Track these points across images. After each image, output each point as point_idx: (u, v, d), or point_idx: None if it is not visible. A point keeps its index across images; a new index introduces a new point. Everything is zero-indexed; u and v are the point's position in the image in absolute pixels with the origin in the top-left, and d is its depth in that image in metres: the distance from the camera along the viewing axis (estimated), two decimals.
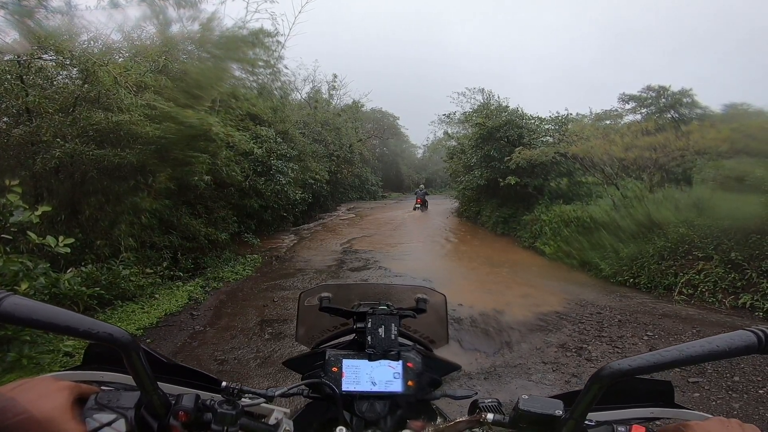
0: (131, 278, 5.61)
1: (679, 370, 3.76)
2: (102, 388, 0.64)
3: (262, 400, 0.73)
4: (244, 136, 8.16)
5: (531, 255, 9.44)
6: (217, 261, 8.02)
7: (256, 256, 8.87)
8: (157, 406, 0.62)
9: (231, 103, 8.66)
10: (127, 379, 0.68)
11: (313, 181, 13.74)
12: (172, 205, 6.93)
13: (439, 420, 0.82)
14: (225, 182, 8.61)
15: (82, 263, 5.32)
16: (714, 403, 3.29)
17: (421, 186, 21.63)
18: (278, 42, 15.23)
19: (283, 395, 0.78)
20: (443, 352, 1.20)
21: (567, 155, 9.55)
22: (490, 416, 0.68)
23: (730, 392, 3.40)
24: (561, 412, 0.63)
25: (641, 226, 7.25)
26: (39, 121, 5.82)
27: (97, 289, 4.73)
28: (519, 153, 10.53)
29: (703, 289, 5.89)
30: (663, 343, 4.38)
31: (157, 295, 5.79)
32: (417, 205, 19.33)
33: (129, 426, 0.60)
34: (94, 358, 0.75)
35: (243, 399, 0.71)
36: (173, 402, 0.65)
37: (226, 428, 0.66)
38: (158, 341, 4.63)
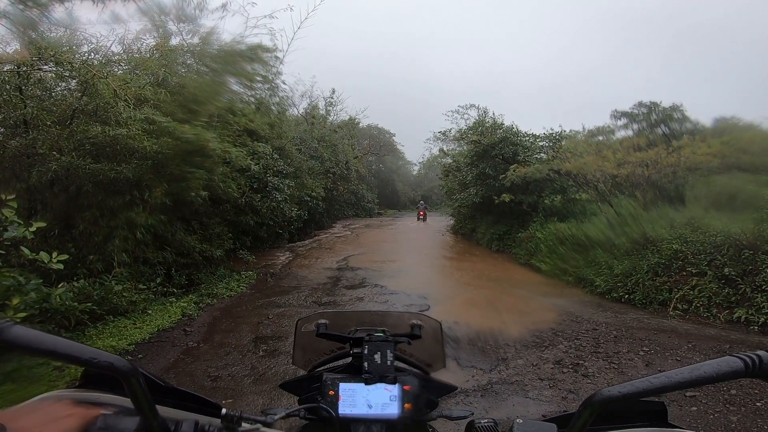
0: (124, 294, 5.54)
1: None
2: (102, 412, 0.65)
3: (259, 426, 0.73)
4: (241, 152, 8.18)
5: (527, 272, 9.44)
6: (212, 277, 7.96)
7: (251, 272, 8.81)
8: None
9: (228, 119, 8.70)
10: (126, 402, 0.69)
11: (308, 198, 13.75)
12: (167, 220, 6.89)
13: None
14: (221, 198, 8.60)
15: (74, 278, 5.25)
16: (712, 416, 3.27)
17: (422, 202, 27.93)
18: (277, 57, 15.45)
19: (281, 419, 0.78)
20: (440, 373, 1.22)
21: (561, 172, 9.65)
22: None
23: (727, 405, 3.38)
24: None
25: (635, 244, 7.30)
26: (36, 133, 5.81)
27: (89, 304, 4.67)
28: (514, 170, 10.64)
29: (698, 304, 5.91)
30: (659, 359, 4.36)
31: (149, 311, 5.71)
32: (420, 217, 24.80)
33: None
34: (92, 379, 0.76)
35: (245, 424, 0.72)
36: (172, 428, 0.66)
37: None
38: (151, 357, 4.56)
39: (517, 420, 0.66)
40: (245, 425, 0.72)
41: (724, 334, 5.13)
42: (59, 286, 4.51)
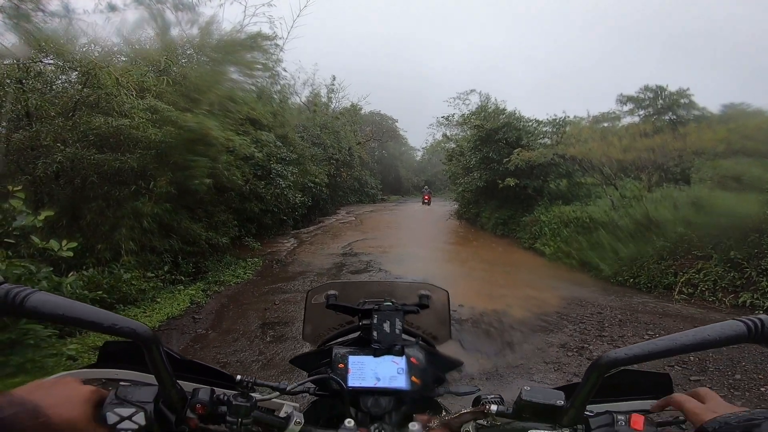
0: (132, 282, 5.61)
1: (680, 368, 3.78)
2: (121, 383, 0.67)
3: (276, 394, 0.76)
4: (245, 140, 8.15)
5: (531, 256, 9.47)
6: (218, 265, 8.02)
7: (256, 259, 8.87)
8: (174, 399, 0.66)
9: (229, 107, 8.67)
10: (142, 377, 0.72)
11: (312, 185, 13.73)
12: (172, 209, 6.92)
13: (444, 413, 0.82)
14: (225, 186, 8.61)
15: (84, 267, 5.32)
16: None
17: (426, 187, 29.70)
18: (277, 45, 15.29)
19: (292, 390, 0.80)
20: (446, 349, 1.22)
21: (566, 157, 9.58)
22: (493, 408, 0.69)
23: (732, 390, 3.42)
24: (562, 402, 0.64)
25: (640, 226, 7.28)
26: (39, 125, 5.84)
27: (100, 292, 4.73)
28: (518, 154, 10.57)
29: (703, 288, 5.92)
30: None
31: (158, 299, 5.79)
32: (424, 201, 25.92)
33: (148, 419, 0.63)
34: (108, 357, 0.78)
35: (256, 394, 0.74)
36: (190, 396, 0.68)
37: (240, 420, 0.69)
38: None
39: (525, 387, 0.67)
40: (258, 395, 0.74)
41: (730, 318, 5.14)
42: (69, 275, 4.57)
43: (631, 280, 6.80)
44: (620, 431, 0.65)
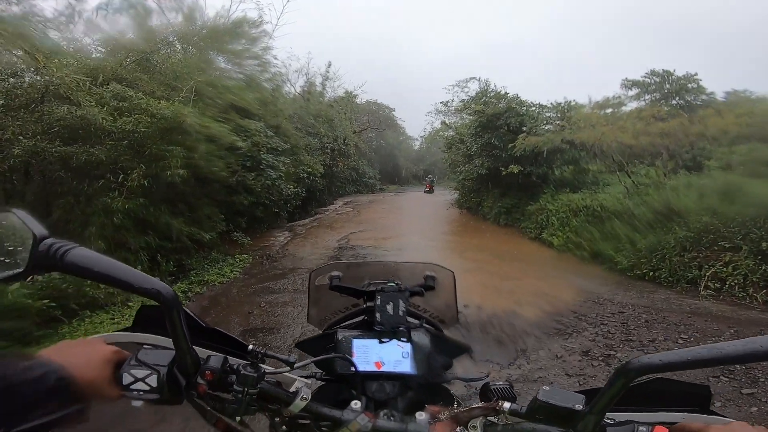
0: (100, 285, 5.04)
1: (727, 380, 3.24)
2: (144, 346, 0.71)
3: (286, 369, 0.73)
4: (225, 128, 7.50)
5: (538, 247, 8.91)
6: (203, 262, 7.47)
7: (245, 255, 8.31)
8: (188, 364, 0.67)
9: (210, 93, 8.07)
10: (168, 342, 0.69)
11: (305, 175, 13.08)
12: (147, 203, 6.34)
13: (455, 404, 0.77)
14: (209, 178, 8.03)
15: None
16: None
17: (429, 176, 30.54)
18: (265, 32, 14.63)
19: (302, 366, 0.76)
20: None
21: (575, 142, 8.95)
22: (506, 405, 0.65)
23: None
24: (581, 407, 0.59)
25: (658, 215, 6.71)
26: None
27: (47, 301, 4.12)
28: (523, 140, 9.95)
29: (732, 283, 5.37)
30: None
31: (131, 303, 5.22)
32: (426, 189, 26.32)
33: (160, 381, 0.65)
34: (142, 321, 0.81)
35: (267, 366, 0.73)
36: (203, 362, 0.69)
37: (246, 390, 0.68)
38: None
39: (544, 387, 0.63)
40: (269, 368, 0.74)
41: (765, 317, 4.60)
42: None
43: (651, 273, 6.24)
44: None
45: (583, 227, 7.92)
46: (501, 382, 0.75)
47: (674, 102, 15.74)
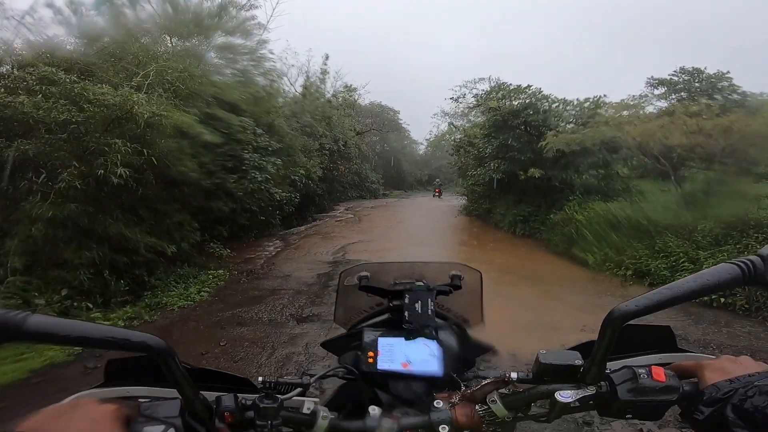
0: None
1: None
2: (141, 401, 0.61)
3: (298, 390, 0.71)
4: (190, 118, 6.24)
5: (568, 264, 7.56)
6: (168, 279, 6.22)
7: (221, 271, 7.03)
8: (200, 411, 0.62)
9: (188, 84, 6.87)
10: (154, 392, 0.65)
11: (297, 178, 11.78)
12: (93, 210, 5.11)
13: (464, 388, 0.75)
14: (179, 180, 6.79)
15: None
16: None
17: (437, 180, 31.56)
18: (260, 25, 13.50)
19: (320, 378, 0.77)
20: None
21: (622, 139, 7.61)
22: (513, 375, 0.66)
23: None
24: (580, 361, 0.62)
25: (728, 227, 5.39)
26: None
27: None
28: (553, 137, 8.66)
29: None
30: None
31: None
32: (435, 194, 26.56)
33: None
34: (115, 375, 0.70)
35: (280, 395, 0.68)
36: (214, 405, 0.64)
37: (270, 423, 0.64)
38: (16, 411, 2.84)
39: (541, 351, 0.64)
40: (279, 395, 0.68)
41: None
42: None
43: (722, 299, 4.94)
44: (644, 384, 0.59)
45: (625, 242, 6.59)
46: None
47: (705, 101, 14.51)
